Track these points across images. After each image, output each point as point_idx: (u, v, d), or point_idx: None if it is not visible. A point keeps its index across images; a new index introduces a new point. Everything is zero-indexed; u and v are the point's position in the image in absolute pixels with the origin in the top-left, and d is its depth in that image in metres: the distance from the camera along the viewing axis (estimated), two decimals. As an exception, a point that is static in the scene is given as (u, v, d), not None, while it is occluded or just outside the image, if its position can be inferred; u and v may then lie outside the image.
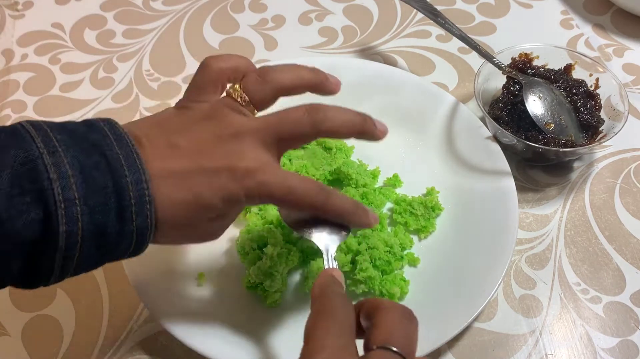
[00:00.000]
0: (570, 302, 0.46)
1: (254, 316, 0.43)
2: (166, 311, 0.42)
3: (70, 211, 0.29)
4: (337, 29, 0.68)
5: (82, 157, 0.30)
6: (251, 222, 0.46)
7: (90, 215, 0.30)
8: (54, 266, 0.30)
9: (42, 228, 0.29)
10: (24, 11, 0.70)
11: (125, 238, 0.32)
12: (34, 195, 0.29)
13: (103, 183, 0.30)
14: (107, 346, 0.44)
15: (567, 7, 0.71)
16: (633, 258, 0.48)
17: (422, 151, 0.54)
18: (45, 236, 0.29)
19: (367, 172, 0.50)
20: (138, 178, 0.31)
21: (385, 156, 0.53)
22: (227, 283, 0.45)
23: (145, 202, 0.31)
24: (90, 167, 0.30)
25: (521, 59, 0.55)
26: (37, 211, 0.29)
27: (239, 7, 0.71)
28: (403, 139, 0.54)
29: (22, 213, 0.28)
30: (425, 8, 0.57)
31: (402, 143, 0.54)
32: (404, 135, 0.54)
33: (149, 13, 0.70)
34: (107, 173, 0.31)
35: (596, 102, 0.54)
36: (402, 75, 0.58)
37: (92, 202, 0.30)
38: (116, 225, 0.31)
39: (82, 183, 0.30)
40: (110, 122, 0.33)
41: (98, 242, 0.31)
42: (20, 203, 0.28)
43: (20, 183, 0.29)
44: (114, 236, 0.31)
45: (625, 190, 0.53)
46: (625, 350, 0.43)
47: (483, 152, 0.51)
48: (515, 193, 0.48)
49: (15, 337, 0.45)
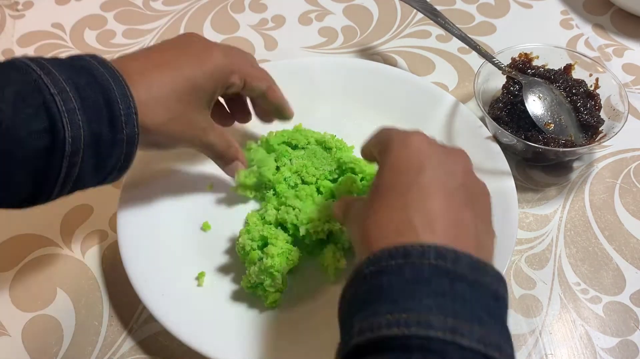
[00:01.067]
0: (570, 302, 0.46)
1: (254, 316, 0.43)
2: (166, 311, 0.42)
3: (73, 119, 0.33)
4: (337, 29, 0.68)
5: (75, 77, 0.34)
6: (251, 222, 0.46)
7: (88, 123, 0.34)
8: (60, 173, 0.34)
9: (48, 135, 0.32)
10: (24, 11, 0.70)
11: (117, 146, 0.36)
12: (37, 107, 0.32)
13: (95, 97, 0.35)
14: (107, 346, 0.44)
15: (567, 7, 0.71)
16: (633, 258, 0.48)
17: None
18: (52, 143, 0.33)
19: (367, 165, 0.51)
20: (124, 92, 0.36)
21: None
22: (227, 283, 0.45)
23: (131, 113, 0.36)
24: (83, 85, 0.34)
25: (521, 58, 0.55)
26: (42, 121, 0.32)
27: (239, 7, 0.71)
28: None
29: (28, 122, 0.32)
30: (425, 8, 0.57)
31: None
32: None
33: (149, 13, 0.70)
34: (98, 89, 0.35)
35: (596, 102, 0.54)
36: (401, 75, 0.58)
37: (89, 113, 0.34)
38: (109, 133, 0.35)
39: (77, 97, 0.34)
40: (90, 54, 0.38)
41: (95, 150, 0.35)
42: (25, 113, 0.32)
43: (23, 97, 0.32)
44: (108, 144, 0.35)
45: (625, 190, 0.53)
46: (625, 350, 0.43)
47: (483, 152, 0.51)
48: (515, 193, 0.48)
49: (15, 337, 0.45)
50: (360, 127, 0.54)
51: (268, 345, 0.42)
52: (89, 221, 0.51)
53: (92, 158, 0.35)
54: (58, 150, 0.33)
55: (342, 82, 0.58)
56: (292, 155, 0.51)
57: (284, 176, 0.49)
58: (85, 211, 0.52)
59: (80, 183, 0.36)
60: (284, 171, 0.49)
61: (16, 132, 0.31)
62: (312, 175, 0.49)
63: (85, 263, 0.49)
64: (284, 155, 0.50)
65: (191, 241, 0.48)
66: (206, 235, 0.48)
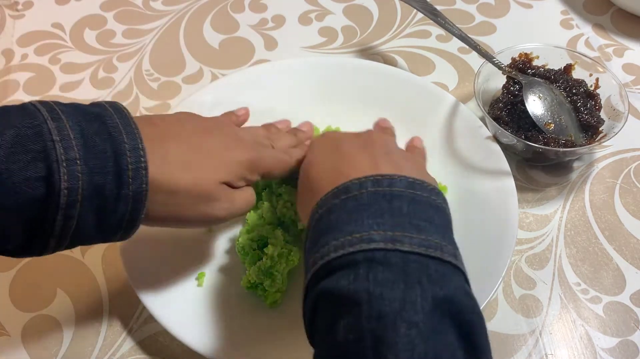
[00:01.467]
0: (570, 302, 0.46)
1: (254, 316, 0.43)
2: (166, 311, 0.42)
3: (71, 170, 0.31)
4: (337, 29, 0.68)
5: (84, 124, 0.32)
6: (251, 222, 0.46)
7: (89, 174, 0.32)
8: (54, 225, 0.31)
9: (43, 185, 0.30)
10: (24, 11, 0.70)
11: (122, 202, 0.33)
12: (36, 154, 0.30)
13: (102, 147, 0.32)
14: (107, 346, 0.44)
15: (567, 7, 0.71)
16: (633, 258, 0.48)
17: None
18: (46, 194, 0.31)
19: None
20: (135, 146, 0.33)
21: None
22: (227, 283, 0.45)
23: (141, 168, 0.34)
24: (91, 133, 0.32)
25: (521, 59, 0.55)
26: (39, 169, 0.30)
27: (239, 7, 0.71)
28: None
29: (23, 169, 0.30)
30: (425, 8, 0.57)
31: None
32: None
33: (149, 13, 0.70)
34: (107, 138, 0.33)
35: (596, 102, 0.54)
36: (401, 75, 0.58)
37: (92, 163, 0.32)
38: (114, 188, 0.33)
39: (82, 145, 0.32)
40: (112, 101, 0.36)
41: (97, 204, 0.32)
42: (21, 160, 0.30)
43: (23, 142, 0.30)
44: (111, 199, 0.33)
45: (625, 190, 0.53)
46: (625, 350, 0.43)
47: (483, 152, 0.51)
48: (515, 193, 0.48)
49: (15, 337, 0.45)
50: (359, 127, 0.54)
51: (268, 345, 0.42)
52: (89, 221, 0.51)
53: (92, 212, 0.33)
54: (53, 201, 0.31)
55: (342, 82, 0.58)
56: None
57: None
58: (85, 211, 0.52)
59: (81, 238, 0.34)
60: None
61: (9, 178, 0.30)
62: None
63: (85, 263, 0.49)
64: None
65: (191, 241, 0.48)
66: (206, 235, 0.48)
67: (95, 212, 0.33)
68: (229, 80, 0.58)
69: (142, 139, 0.34)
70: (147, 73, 0.63)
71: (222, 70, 0.63)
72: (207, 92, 0.56)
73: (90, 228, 0.33)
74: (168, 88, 0.62)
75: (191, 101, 0.55)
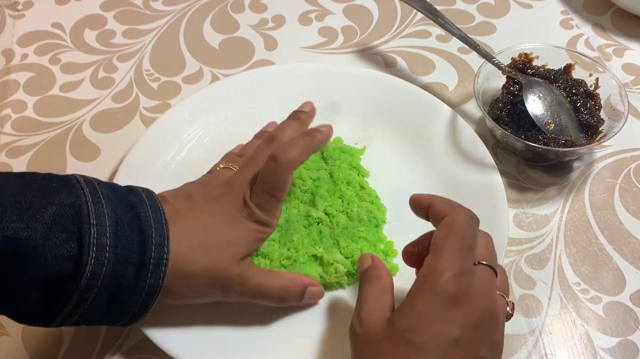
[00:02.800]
0: (570, 302, 0.46)
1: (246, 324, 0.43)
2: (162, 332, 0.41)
3: (99, 255, 0.32)
4: (337, 29, 0.68)
5: (120, 213, 0.34)
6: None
7: (114, 263, 0.33)
8: (68, 303, 0.33)
9: (71, 264, 0.32)
10: (24, 11, 0.70)
11: (136, 293, 0.35)
12: (71, 234, 0.32)
13: (131, 239, 0.34)
14: (107, 346, 0.44)
15: (567, 7, 0.71)
16: (633, 258, 0.48)
17: (408, 156, 0.54)
18: (72, 273, 0.32)
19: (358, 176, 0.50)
20: (161, 242, 0.35)
21: (376, 164, 0.52)
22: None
23: (161, 264, 0.35)
24: (124, 223, 0.34)
25: (521, 59, 0.55)
26: (72, 248, 0.32)
27: (239, 7, 0.71)
28: (389, 144, 0.54)
29: (57, 246, 0.31)
30: (425, 8, 0.57)
31: (400, 151, 0.54)
32: (397, 140, 0.54)
33: (149, 13, 0.70)
34: (137, 232, 0.34)
35: (596, 102, 0.54)
36: (387, 80, 0.58)
37: (119, 252, 0.33)
38: (132, 279, 0.34)
39: (114, 234, 0.33)
40: (148, 190, 0.38)
41: (112, 292, 0.34)
42: (57, 237, 0.31)
43: (62, 221, 0.32)
44: (127, 290, 0.34)
45: (625, 190, 0.53)
46: (625, 350, 0.43)
47: (470, 155, 0.51)
48: (503, 190, 0.48)
49: (15, 337, 0.45)
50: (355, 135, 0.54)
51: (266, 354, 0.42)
52: (89, 221, 0.51)
53: (105, 299, 0.34)
54: (75, 280, 0.32)
55: (339, 90, 0.57)
56: None
57: None
58: (85, 211, 0.52)
59: (86, 319, 0.35)
60: None
61: (44, 254, 0.31)
62: (300, 178, 0.48)
63: (85, 263, 0.49)
64: None
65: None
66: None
67: (107, 299, 0.34)
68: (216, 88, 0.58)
69: (169, 236, 0.36)
70: (147, 73, 0.63)
71: (222, 70, 0.63)
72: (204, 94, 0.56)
73: (99, 311, 0.34)
74: (168, 88, 0.62)
75: (191, 101, 0.56)
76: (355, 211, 0.46)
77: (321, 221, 0.46)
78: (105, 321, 0.36)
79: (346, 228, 0.46)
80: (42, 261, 0.31)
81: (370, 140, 0.52)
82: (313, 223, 0.46)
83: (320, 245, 0.45)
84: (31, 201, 0.31)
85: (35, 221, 0.31)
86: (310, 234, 0.45)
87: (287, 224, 0.45)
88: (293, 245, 0.44)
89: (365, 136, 0.54)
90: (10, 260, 0.31)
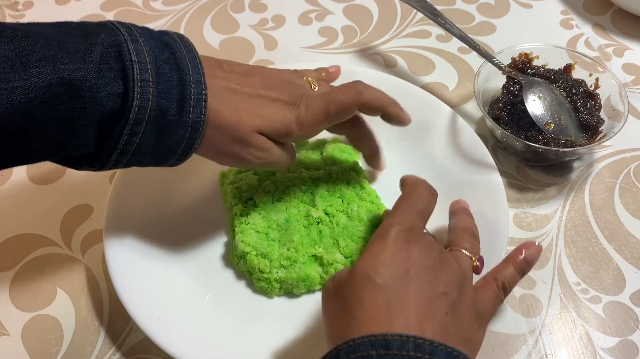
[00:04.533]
0: (570, 302, 0.46)
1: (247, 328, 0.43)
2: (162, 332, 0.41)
3: (144, 90, 0.34)
4: (337, 29, 0.68)
5: (157, 51, 0.35)
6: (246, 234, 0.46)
7: (158, 97, 0.35)
8: (120, 137, 0.35)
9: (120, 101, 0.34)
10: (24, 11, 0.70)
11: (182, 127, 0.36)
12: (117, 72, 0.34)
13: (170, 76, 0.35)
14: (107, 346, 0.44)
15: (567, 7, 0.71)
16: (633, 258, 0.48)
17: (408, 155, 0.54)
18: (121, 109, 0.34)
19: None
20: (198, 79, 0.37)
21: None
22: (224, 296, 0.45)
23: (202, 100, 0.36)
24: (162, 61, 0.35)
25: (521, 58, 0.55)
26: (119, 86, 0.34)
27: (239, 7, 0.71)
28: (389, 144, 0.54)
29: (107, 84, 0.33)
30: (425, 8, 0.57)
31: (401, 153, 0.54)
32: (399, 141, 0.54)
33: (149, 13, 0.70)
34: (175, 68, 0.36)
35: (596, 101, 0.54)
36: (387, 80, 0.57)
37: (161, 88, 0.35)
38: (176, 114, 0.36)
39: (155, 70, 0.35)
40: (180, 34, 0.39)
41: (159, 125, 0.35)
42: (106, 76, 0.33)
43: (108, 60, 0.33)
44: (172, 124, 0.36)
45: (625, 190, 0.53)
46: (625, 350, 0.43)
47: (469, 151, 0.51)
48: (503, 190, 0.48)
49: (15, 337, 0.45)
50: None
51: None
52: (89, 221, 0.51)
53: (154, 133, 0.36)
54: (125, 116, 0.34)
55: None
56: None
57: (266, 189, 0.48)
58: (85, 211, 0.52)
59: (138, 157, 0.37)
60: (267, 184, 0.48)
61: (98, 92, 0.33)
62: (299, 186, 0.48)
63: (85, 263, 0.49)
64: (265, 174, 0.49)
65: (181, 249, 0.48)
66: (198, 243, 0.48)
67: (156, 132, 0.36)
68: None
69: (204, 75, 0.37)
70: (147, 73, 0.63)
71: (222, 70, 0.63)
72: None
73: (149, 147, 0.36)
74: (168, 88, 0.62)
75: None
76: (355, 211, 0.46)
77: (321, 221, 0.46)
78: (153, 160, 0.38)
79: (346, 228, 0.46)
80: (97, 100, 0.33)
81: None
82: (313, 223, 0.46)
83: (320, 245, 0.45)
84: (75, 45, 0.32)
85: (85, 62, 0.32)
86: (310, 234, 0.45)
87: (287, 224, 0.45)
88: (293, 245, 0.44)
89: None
90: (70, 100, 0.32)
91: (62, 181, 0.54)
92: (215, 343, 0.42)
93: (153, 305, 0.43)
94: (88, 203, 0.52)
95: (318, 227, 0.46)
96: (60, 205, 0.52)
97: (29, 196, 0.53)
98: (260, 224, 0.46)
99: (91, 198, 0.53)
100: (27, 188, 0.54)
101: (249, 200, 0.47)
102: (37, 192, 0.54)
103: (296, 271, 0.44)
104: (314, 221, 0.46)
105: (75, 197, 0.53)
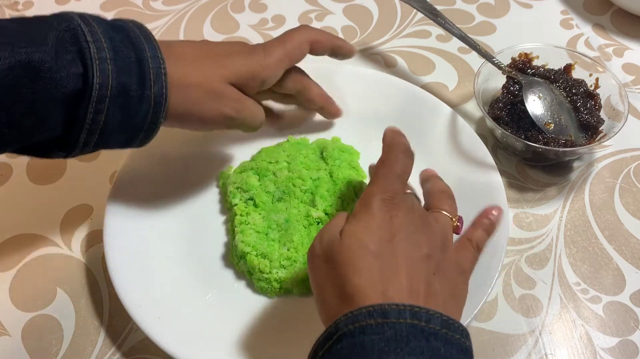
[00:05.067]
0: (570, 302, 0.46)
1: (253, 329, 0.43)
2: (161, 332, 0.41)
3: (102, 67, 0.35)
4: (337, 29, 0.68)
5: (111, 32, 0.37)
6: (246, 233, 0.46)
7: (117, 73, 0.36)
8: (86, 116, 0.35)
9: (81, 80, 0.35)
10: (24, 11, 0.70)
11: (145, 102, 0.37)
12: (74, 54, 0.35)
13: (127, 53, 0.37)
14: (107, 346, 0.44)
15: (567, 7, 0.71)
16: (633, 258, 0.48)
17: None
18: (83, 88, 0.35)
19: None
20: (155, 54, 0.38)
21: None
22: (226, 296, 0.45)
23: (161, 74, 0.38)
24: (117, 41, 0.37)
25: (521, 58, 0.55)
26: (77, 66, 0.35)
27: (239, 7, 0.71)
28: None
29: (66, 66, 0.34)
30: (425, 8, 0.57)
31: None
32: None
33: (149, 13, 0.70)
34: (131, 47, 0.37)
35: (596, 101, 0.54)
36: (387, 80, 0.57)
37: (119, 64, 0.36)
38: (137, 89, 0.37)
39: (111, 49, 0.36)
40: (132, 20, 0.40)
41: (122, 101, 0.36)
42: (64, 58, 0.34)
43: (64, 43, 0.34)
44: (135, 99, 0.37)
45: (625, 190, 0.53)
46: (625, 350, 0.43)
47: (469, 151, 0.51)
48: (503, 190, 0.48)
49: (15, 337, 0.45)
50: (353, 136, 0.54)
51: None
52: (89, 221, 0.51)
53: (118, 110, 0.36)
54: (87, 94, 0.35)
55: (339, 90, 0.57)
56: (275, 168, 0.49)
57: (267, 189, 0.48)
58: (85, 211, 0.52)
59: (106, 137, 0.37)
60: (267, 184, 0.48)
61: (57, 73, 0.34)
62: (299, 187, 0.48)
63: (85, 263, 0.49)
64: (265, 174, 0.49)
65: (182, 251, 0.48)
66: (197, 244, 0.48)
67: (120, 109, 0.36)
68: None
69: (160, 49, 0.38)
70: (147, 73, 0.63)
71: (222, 70, 0.63)
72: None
73: (115, 125, 0.37)
74: (168, 88, 0.62)
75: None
76: None
77: (321, 221, 0.46)
78: (122, 140, 0.39)
79: None
80: (58, 80, 0.34)
81: (370, 140, 0.52)
82: (313, 223, 0.46)
83: None
84: (32, 33, 0.34)
85: (42, 44, 0.33)
86: (310, 234, 0.45)
87: (287, 224, 0.45)
88: (293, 245, 0.44)
89: (365, 136, 0.54)
90: (31, 82, 0.33)
91: (62, 181, 0.54)
92: (215, 343, 0.42)
93: (153, 305, 0.43)
94: (88, 203, 0.52)
95: (318, 227, 0.46)
96: (60, 205, 0.52)
97: (29, 196, 0.53)
98: (260, 224, 0.46)
99: (91, 198, 0.53)
100: (27, 188, 0.54)
101: (249, 200, 0.47)
102: (37, 192, 0.54)
103: (296, 271, 0.44)
104: (314, 222, 0.46)
105: (75, 197, 0.53)
